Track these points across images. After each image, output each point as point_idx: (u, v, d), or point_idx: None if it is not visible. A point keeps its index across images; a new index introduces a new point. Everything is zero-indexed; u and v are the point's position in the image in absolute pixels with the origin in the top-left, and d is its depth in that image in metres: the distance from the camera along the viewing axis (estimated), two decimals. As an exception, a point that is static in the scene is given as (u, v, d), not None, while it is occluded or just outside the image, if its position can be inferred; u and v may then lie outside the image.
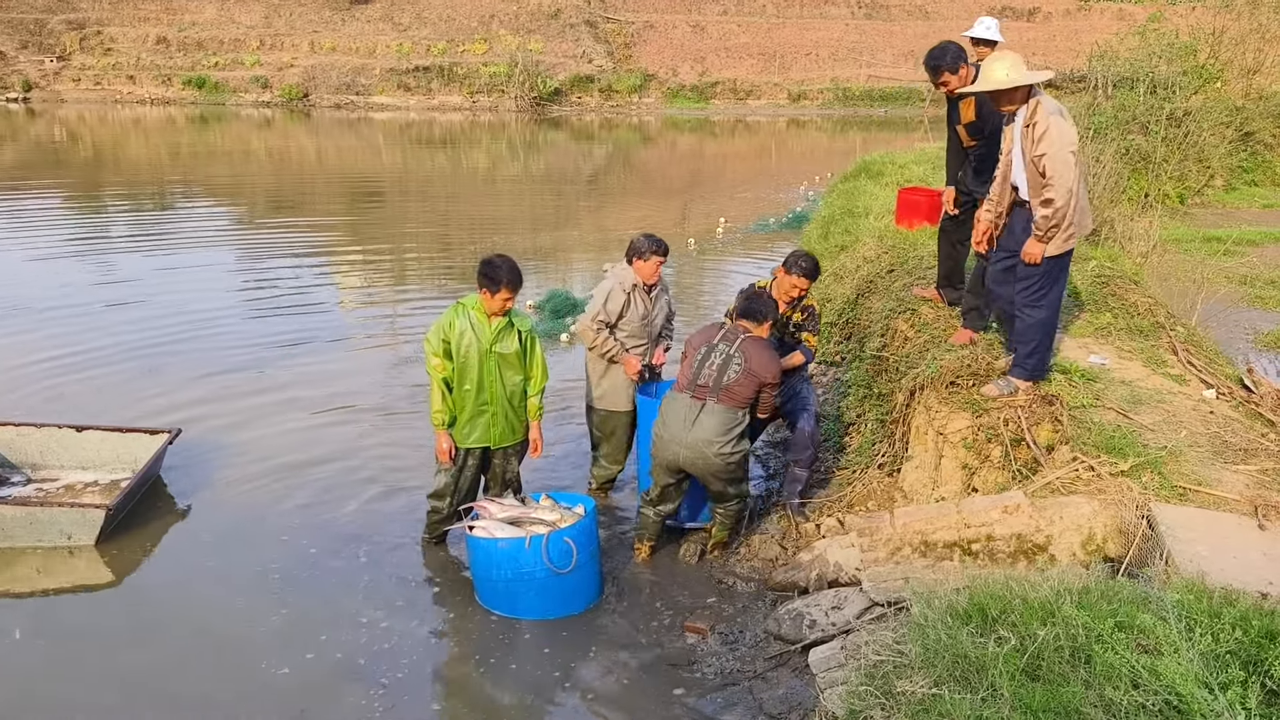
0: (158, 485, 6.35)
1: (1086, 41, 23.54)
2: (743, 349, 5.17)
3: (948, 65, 5.89)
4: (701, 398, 5.12)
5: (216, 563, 5.50)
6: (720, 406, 5.09)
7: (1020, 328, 5.18)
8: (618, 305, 5.87)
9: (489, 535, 4.92)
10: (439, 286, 12.07)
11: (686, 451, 5.12)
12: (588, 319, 5.91)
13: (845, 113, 37.57)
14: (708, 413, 5.09)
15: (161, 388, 8.05)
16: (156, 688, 4.42)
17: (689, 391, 5.17)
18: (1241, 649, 2.79)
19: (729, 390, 5.10)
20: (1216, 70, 17.99)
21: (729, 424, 5.09)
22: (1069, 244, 5.02)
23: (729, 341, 5.22)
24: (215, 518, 6.03)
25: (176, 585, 5.31)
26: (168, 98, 36.19)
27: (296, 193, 19.88)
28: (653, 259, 5.87)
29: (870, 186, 12.11)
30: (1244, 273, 11.27)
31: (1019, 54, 5.15)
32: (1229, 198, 17.30)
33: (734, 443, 5.12)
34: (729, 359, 5.15)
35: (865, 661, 3.23)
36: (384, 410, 7.71)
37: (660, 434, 5.23)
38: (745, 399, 5.15)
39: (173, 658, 4.63)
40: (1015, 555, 4.44)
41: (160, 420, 7.02)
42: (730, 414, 5.10)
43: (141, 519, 5.92)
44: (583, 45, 38.88)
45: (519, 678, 4.52)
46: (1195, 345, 6.39)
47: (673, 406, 5.21)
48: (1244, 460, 4.70)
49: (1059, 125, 4.86)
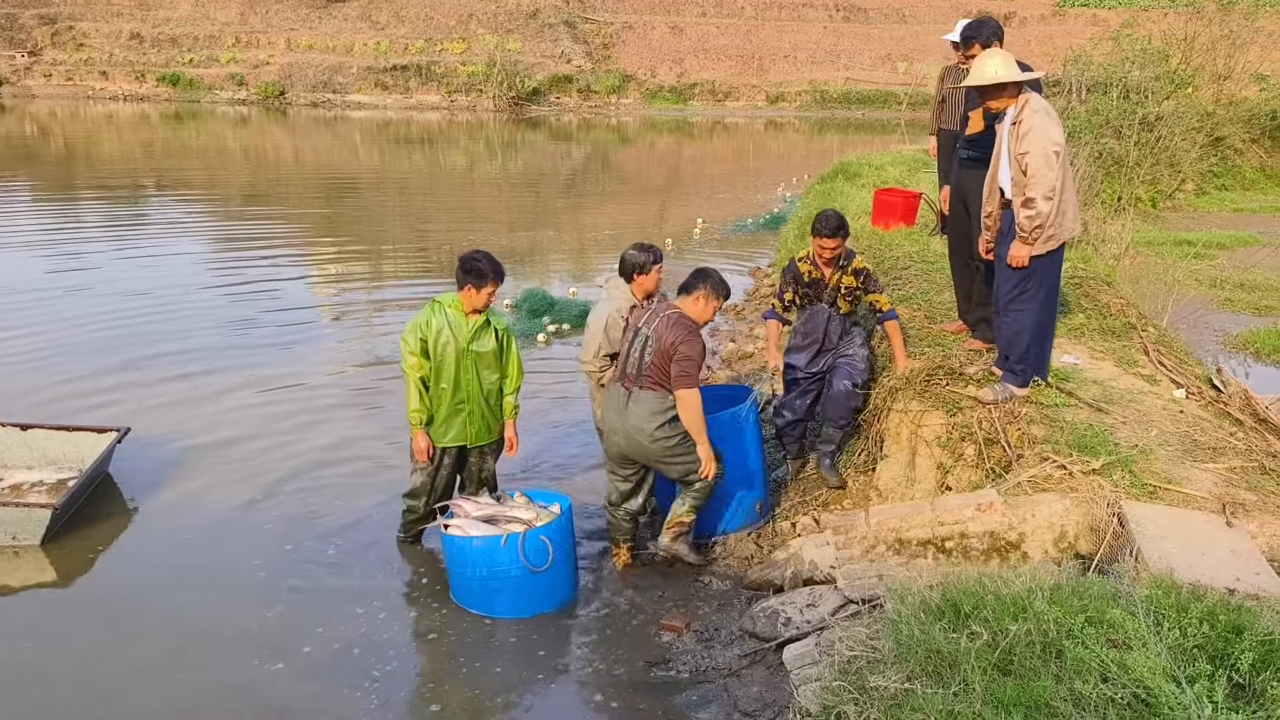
0: (107, 484, 6.24)
1: (1061, 46, 23.75)
2: (654, 327, 5.03)
3: (982, 38, 5.74)
4: (629, 386, 5.05)
5: (169, 562, 5.43)
6: (645, 393, 4.99)
7: (1007, 333, 5.18)
8: (619, 333, 5.48)
9: (464, 534, 4.91)
10: (415, 284, 12.02)
11: (623, 440, 5.10)
12: (590, 356, 5.56)
13: (823, 115, 37.75)
14: (634, 400, 5.02)
15: (119, 383, 7.97)
16: (116, 686, 4.36)
17: (619, 381, 5.13)
18: (1208, 643, 2.83)
19: (648, 374, 4.99)
20: (1188, 76, 18.21)
21: (657, 408, 4.98)
22: (1050, 244, 5.01)
23: (649, 323, 5.07)
24: (166, 517, 5.93)
25: (128, 586, 5.22)
26: (141, 94, 35.86)
27: (272, 191, 19.75)
28: (653, 270, 5.49)
29: (847, 188, 12.17)
30: (1214, 276, 11.42)
31: (1010, 54, 5.17)
32: (1200, 202, 17.53)
33: (667, 426, 4.99)
34: (646, 341, 5.03)
35: (839, 657, 3.25)
36: (354, 407, 7.67)
37: (600, 426, 5.22)
38: (664, 377, 4.98)
39: (132, 659, 4.57)
40: (989, 553, 4.48)
41: (119, 415, 6.95)
42: (657, 399, 4.98)
43: (89, 519, 5.81)
44: (561, 45, 38.85)
45: (495, 676, 4.51)
46: (1166, 346, 6.47)
47: (608, 397, 5.19)
48: (1213, 459, 4.76)
49: (1044, 124, 4.87)
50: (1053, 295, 5.23)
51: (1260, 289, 10.96)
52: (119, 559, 5.52)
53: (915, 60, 40.18)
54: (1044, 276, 5.10)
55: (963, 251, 6.15)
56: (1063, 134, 4.94)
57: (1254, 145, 20.19)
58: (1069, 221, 5.07)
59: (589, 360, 5.57)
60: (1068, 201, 5.02)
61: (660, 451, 5.05)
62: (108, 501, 6.10)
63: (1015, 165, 4.93)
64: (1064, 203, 4.96)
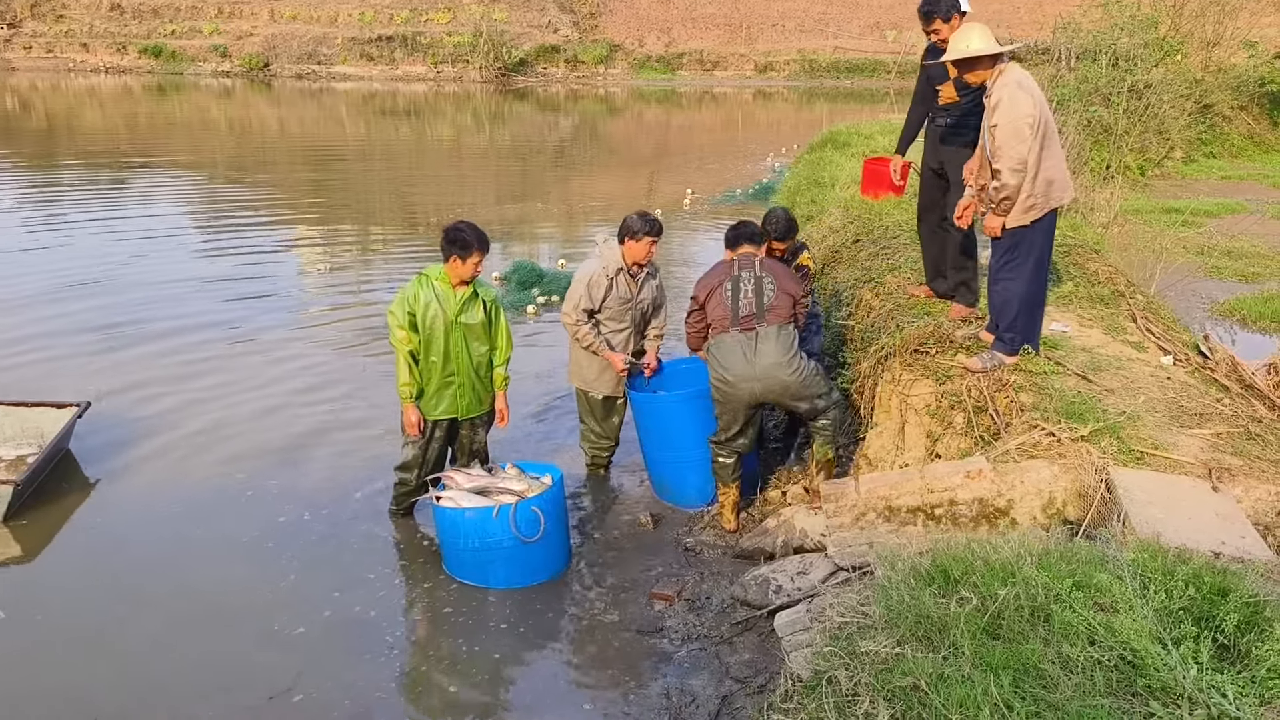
0: (68, 460, 6.21)
1: (1050, 14, 23.68)
2: (768, 269, 5.16)
3: (941, 12, 5.76)
4: (751, 327, 5.06)
5: (154, 538, 5.43)
6: (772, 329, 5.05)
7: (996, 302, 5.19)
8: (600, 292, 5.70)
9: (456, 505, 4.92)
10: (403, 256, 11.97)
11: (760, 384, 5.08)
12: (569, 308, 5.76)
13: (812, 84, 37.53)
14: (763, 339, 5.04)
15: (94, 356, 7.98)
16: (88, 661, 4.37)
17: (735, 328, 5.09)
18: (1194, 605, 2.86)
19: (773, 310, 5.07)
20: (1177, 43, 18.16)
21: (788, 341, 5.07)
22: (1029, 215, 5.00)
23: (749, 269, 5.16)
24: (146, 492, 5.92)
25: (94, 560, 5.20)
26: (123, 66, 35.43)
27: (258, 164, 19.58)
28: (644, 239, 5.64)
29: (836, 157, 12.14)
30: (1201, 243, 11.46)
31: (986, 26, 5.14)
32: (1188, 170, 17.55)
33: (798, 357, 5.11)
34: (760, 282, 5.11)
35: (830, 624, 3.27)
36: (342, 380, 7.64)
37: (725, 377, 5.12)
38: (788, 315, 5.12)
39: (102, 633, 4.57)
40: (977, 519, 4.51)
41: (93, 389, 6.98)
42: (785, 331, 5.07)
43: (51, 495, 5.79)
44: (548, 15, 38.48)
45: (489, 646, 4.54)
46: (1154, 313, 6.50)
47: (726, 349, 5.11)
48: (1199, 424, 4.79)
49: (1013, 96, 4.84)
50: (1043, 265, 5.22)
51: (1247, 256, 11.01)
52: (79, 535, 5.48)
53: (904, 29, 39.86)
54: (1031, 246, 5.09)
55: (930, 219, 6.14)
56: (1035, 105, 4.87)
57: (1242, 112, 20.20)
58: (1056, 190, 5.04)
59: (569, 312, 5.75)
60: (1053, 169, 5.00)
61: (799, 383, 5.10)
62: (71, 478, 6.06)
63: (990, 138, 4.93)
64: (1048, 170, 4.95)
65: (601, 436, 6.13)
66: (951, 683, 2.66)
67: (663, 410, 5.73)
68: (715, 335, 5.19)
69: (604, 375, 5.91)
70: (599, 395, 5.96)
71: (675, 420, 5.66)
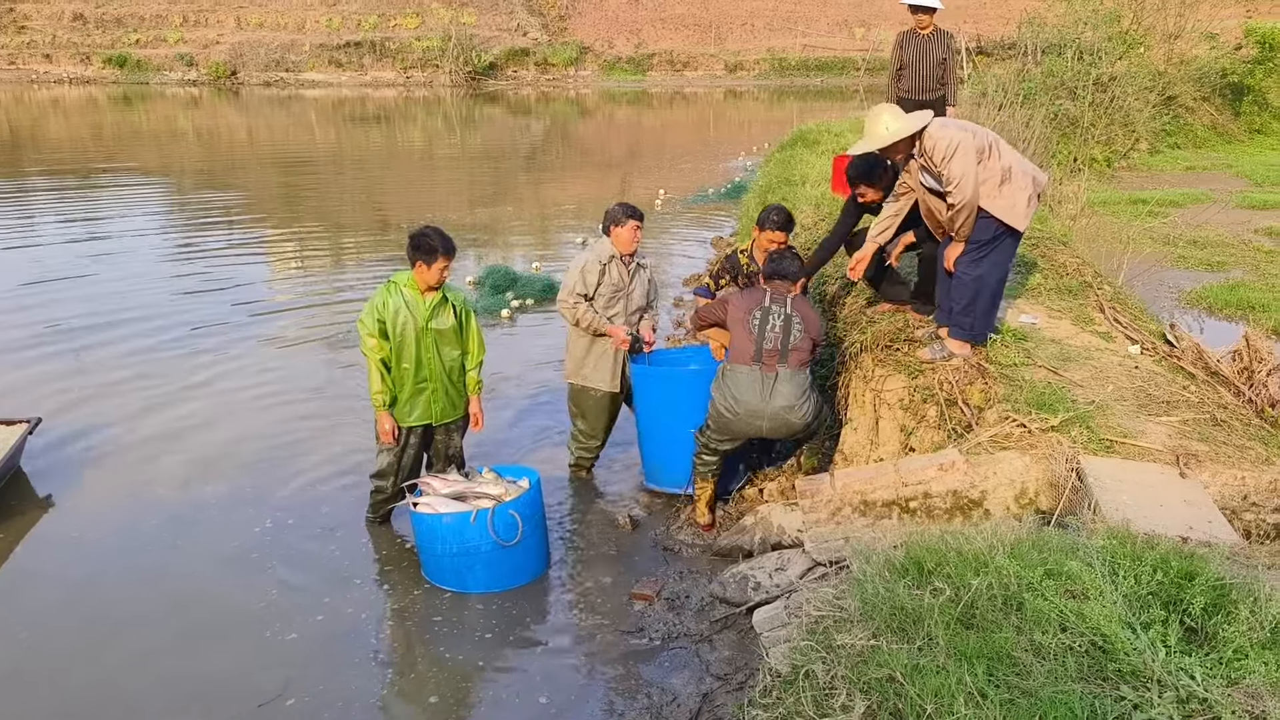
0: (19, 479, 6.09)
1: (1016, 9, 23.92)
2: (799, 310, 5.14)
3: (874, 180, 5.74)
4: (772, 366, 5.06)
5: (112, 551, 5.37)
6: (792, 370, 5.06)
7: (955, 285, 5.27)
8: (594, 278, 5.77)
9: (434, 511, 4.91)
10: (375, 262, 11.92)
11: (769, 423, 5.10)
12: (565, 294, 5.81)
13: (782, 83, 37.73)
14: (783, 380, 5.04)
15: (56, 368, 7.87)
16: (71, 678, 4.32)
17: (756, 363, 5.07)
18: (1162, 589, 2.91)
19: (796, 351, 5.08)
20: (1139, 36, 18.40)
21: (803, 385, 5.09)
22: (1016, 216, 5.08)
23: (780, 303, 5.14)
24: (98, 509, 5.80)
25: (68, 578, 5.12)
26: (87, 77, 35.07)
27: (226, 172, 19.43)
28: (628, 223, 5.75)
29: (806, 155, 12.21)
30: (1167, 233, 11.62)
31: (895, 106, 5.27)
32: (1153, 161, 17.78)
33: (810, 400, 5.14)
34: (789, 320, 5.10)
35: (807, 618, 3.30)
36: (314, 389, 7.59)
37: (733, 408, 5.10)
38: (808, 358, 5.17)
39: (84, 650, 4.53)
40: (951, 511, 4.56)
41: (54, 404, 6.91)
42: (802, 375, 5.10)
43: (5, 515, 5.67)
44: (517, 18, 38.45)
45: (470, 652, 4.53)
46: (1121, 303, 6.58)
47: (743, 381, 5.08)
48: (1167, 412, 4.86)
49: (951, 142, 4.92)
50: (1005, 269, 5.31)
51: (1212, 245, 11.18)
52: (32, 554, 5.38)
53: (872, 25, 40.20)
54: (1003, 249, 5.20)
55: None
56: (970, 134, 5.00)
57: (1205, 103, 20.49)
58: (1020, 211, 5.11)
59: (565, 297, 5.82)
60: (1014, 163, 5.09)
61: (803, 424, 5.14)
62: (24, 497, 5.93)
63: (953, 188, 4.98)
64: (1007, 174, 5.04)
65: (590, 437, 6.13)
66: (926, 673, 2.69)
67: (665, 384, 5.73)
68: (733, 364, 5.17)
69: (601, 364, 5.90)
70: (599, 390, 5.93)
71: (675, 394, 5.69)
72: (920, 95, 7.71)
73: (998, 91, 14.94)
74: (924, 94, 7.69)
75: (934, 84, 7.66)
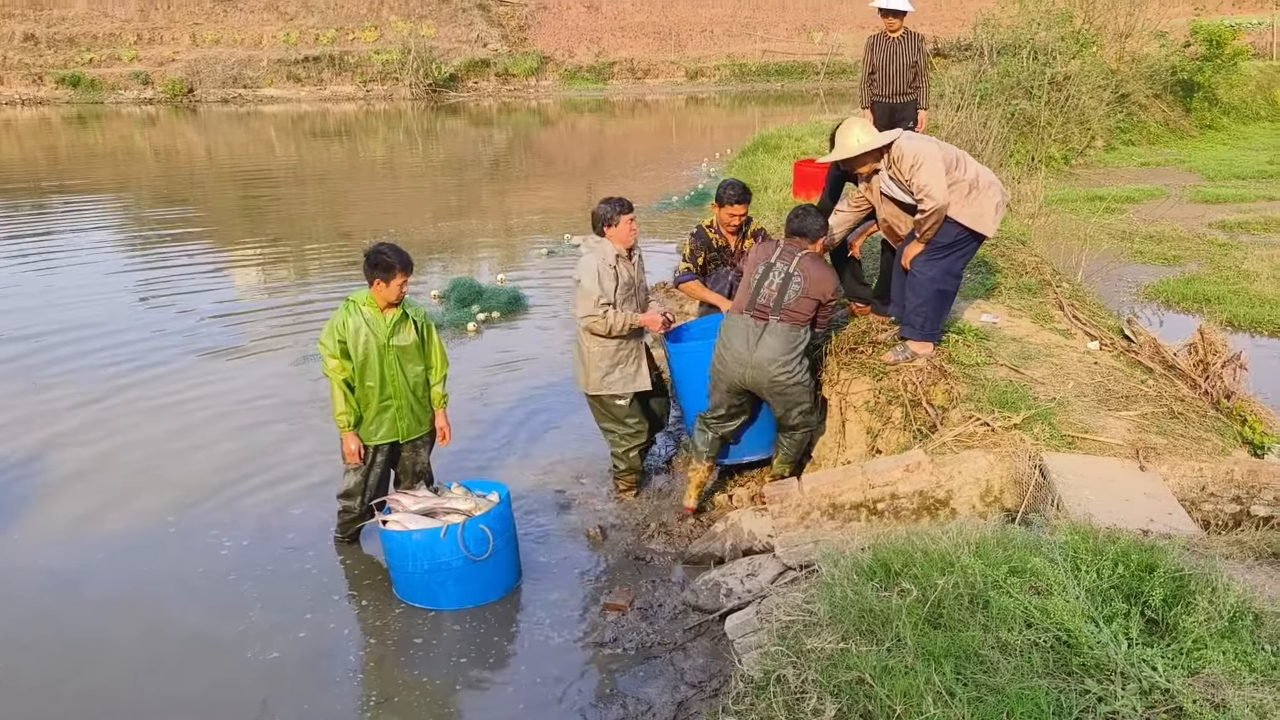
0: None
1: (971, 10, 24.21)
2: (801, 267, 5.15)
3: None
4: (763, 317, 5.12)
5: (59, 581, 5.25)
6: (782, 326, 5.09)
7: (910, 283, 5.35)
8: (611, 284, 5.52)
9: (403, 528, 4.88)
10: (338, 278, 11.82)
11: (751, 371, 5.14)
12: (591, 307, 5.47)
13: (743, 88, 37.93)
14: (770, 332, 5.10)
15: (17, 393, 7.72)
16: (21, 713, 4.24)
17: (749, 312, 5.15)
18: (1123, 582, 2.96)
19: (790, 309, 5.11)
20: (1091, 35, 18.69)
21: (792, 342, 5.12)
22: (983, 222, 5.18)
23: (786, 260, 5.19)
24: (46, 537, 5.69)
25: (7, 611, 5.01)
26: (40, 97, 34.52)
27: (185, 189, 19.21)
28: (623, 219, 5.57)
29: (768, 160, 12.30)
30: (1124, 229, 11.80)
31: (866, 119, 5.38)
32: (1109, 157, 18.06)
33: (796, 361, 5.15)
34: (789, 278, 5.13)
35: (777, 623, 3.32)
36: (278, 408, 7.49)
37: (723, 355, 5.22)
38: (806, 317, 5.16)
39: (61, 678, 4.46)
40: (919, 511, 4.60)
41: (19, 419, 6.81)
42: (793, 331, 5.12)
43: None
44: (476, 29, 38.38)
45: (445, 670, 4.50)
46: (1079, 300, 6.69)
47: (733, 328, 5.20)
48: (1126, 406, 4.95)
49: (917, 153, 5.05)
50: (958, 267, 5.38)
51: (1168, 240, 11.37)
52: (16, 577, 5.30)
53: (830, 30, 40.53)
54: (963, 252, 5.31)
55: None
56: (937, 146, 5.16)
57: (1157, 100, 20.86)
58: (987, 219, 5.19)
59: (590, 311, 5.48)
60: (977, 175, 5.19)
61: (784, 383, 5.15)
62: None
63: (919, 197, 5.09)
64: (974, 183, 5.13)
65: (636, 434, 5.85)
66: (895, 674, 2.72)
67: (706, 356, 5.54)
68: (730, 313, 5.31)
69: (628, 369, 5.70)
70: (627, 393, 5.75)
71: None
72: (893, 98, 7.77)
73: (955, 93, 15.13)
74: (896, 96, 7.76)
75: (906, 86, 7.72)
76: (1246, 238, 11.45)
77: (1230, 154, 18.22)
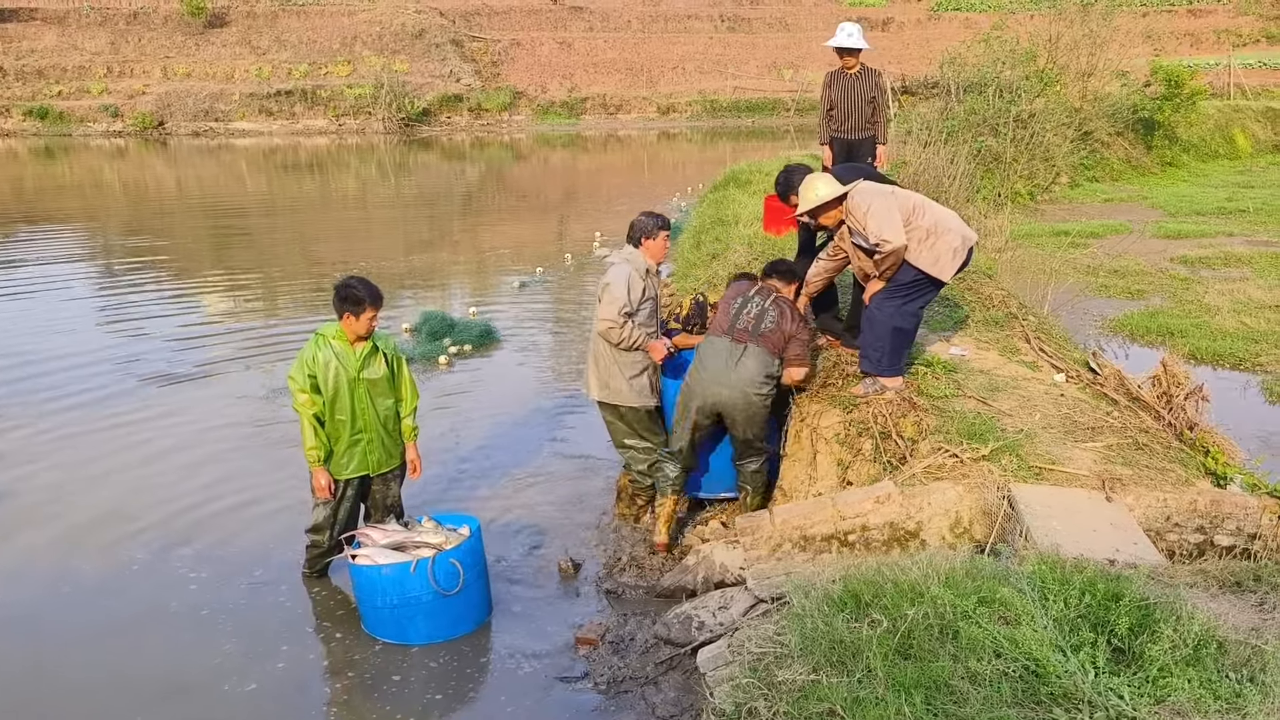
0: None
1: (937, 49, 24.66)
2: (776, 305, 5.48)
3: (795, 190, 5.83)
4: (743, 340, 5.35)
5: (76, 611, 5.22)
6: (760, 349, 5.33)
7: (868, 319, 5.44)
8: (638, 293, 5.53)
9: (373, 563, 4.83)
10: (309, 311, 11.76)
11: (728, 391, 5.31)
12: (612, 312, 5.44)
13: (714, 124, 38.33)
14: (750, 355, 5.33)
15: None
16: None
17: (728, 336, 5.38)
18: (1090, 612, 2.98)
19: (764, 336, 5.37)
20: (1055, 74, 19.09)
21: (768, 367, 5.35)
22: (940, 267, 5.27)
23: (763, 296, 5.53)
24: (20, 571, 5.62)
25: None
26: (7, 130, 34.22)
27: (155, 221, 19.06)
28: (661, 235, 5.70)
29: (739, 195, 12.40)
30: (1089, 263, 12.00)
31: (828, 175, 5.63)
32: (1074, 193, 18.40)
33: (769, 385, 5.38)
34: (764, 310, 5.45)
35: (749, 656, 3.31)
36: (246, 442, 7.43)
37: (699, 376, 5.40)
38: (778, 347, 5.41)
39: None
40: (889, 543, 4.62)
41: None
42: (769, 357, 5.36)
43: None
44: (449, 64, 38.57)
45: (413, 705, 4.45)
46: (1046, 333, 6.78)
47: (712, 349, 5.41)
48: (1092, 438, 5.00)
49: (871, 205, 5.22)
50: (916, 308, 5.45)
51: (1132, 274, 11.56)
52: None
53: (800, 67, 41.16)
54: (921, 294, 5.40)
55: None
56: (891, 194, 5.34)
57: (1119, 138, 21.31)
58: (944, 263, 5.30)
59: (612, 316, 5.47)
60: (938, 221, 5.30)
61: (757, 406, 5.37)
62: None
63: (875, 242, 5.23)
64: (933, 229, 5.26)
65: (653, 447, 5.81)
66: (866, 705, 2.72)
67: None
68: (708, 336, 5.52)
69: (645, 375, 5.72)
70: (646, 407, 5.78)
71: None
72: (851, 134, 7.86)
73: (923, 129, 15.38)
74: (854, 133, 7.86)
75: (864, 122, 7.82)
76: (1207, 272, 11.67)
77: (1190, 190, 18.61)
